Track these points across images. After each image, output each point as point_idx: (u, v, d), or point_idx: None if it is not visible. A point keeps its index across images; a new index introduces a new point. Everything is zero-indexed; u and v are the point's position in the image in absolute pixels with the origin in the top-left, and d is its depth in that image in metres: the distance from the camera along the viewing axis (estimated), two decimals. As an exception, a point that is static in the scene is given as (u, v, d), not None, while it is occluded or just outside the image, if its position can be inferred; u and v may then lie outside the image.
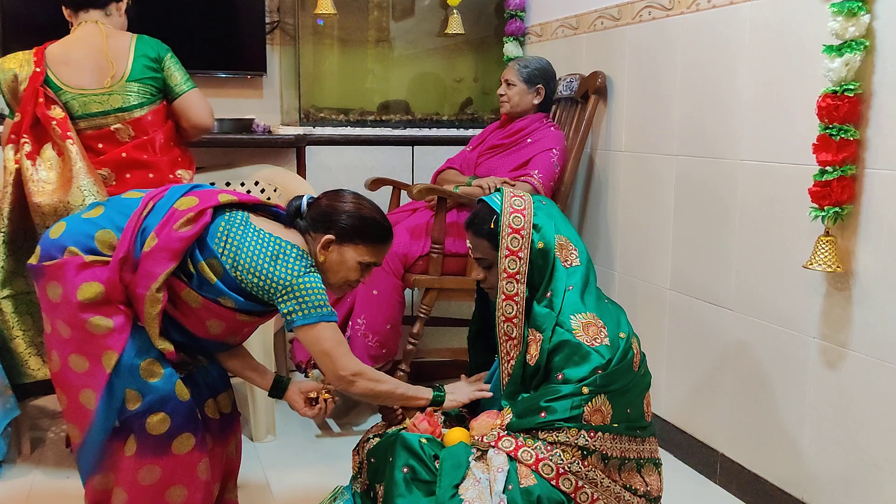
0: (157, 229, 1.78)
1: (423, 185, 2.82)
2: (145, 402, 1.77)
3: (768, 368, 2.26)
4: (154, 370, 1.79)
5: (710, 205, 2.48)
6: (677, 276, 2.65)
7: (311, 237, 1.87)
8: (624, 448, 1.80)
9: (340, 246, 1.87)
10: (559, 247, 1.88)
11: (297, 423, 2.95)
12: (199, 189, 1.90)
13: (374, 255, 1.91)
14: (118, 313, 1.77)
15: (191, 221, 1.78)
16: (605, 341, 1.78)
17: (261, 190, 3.18)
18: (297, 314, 1.78)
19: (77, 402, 1.80)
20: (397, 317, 2.88)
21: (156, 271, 1.75)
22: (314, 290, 1.79)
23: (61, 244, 1.80)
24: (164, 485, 1.81)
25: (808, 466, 2.13)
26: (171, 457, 1.80)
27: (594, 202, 3.14)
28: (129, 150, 2.42)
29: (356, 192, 1.95)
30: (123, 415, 1.78)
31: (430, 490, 1.74)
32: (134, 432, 1.79)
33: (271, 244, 1.80)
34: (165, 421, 1.79)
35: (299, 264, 1.79)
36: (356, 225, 1.87)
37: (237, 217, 1.84)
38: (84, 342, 1.76)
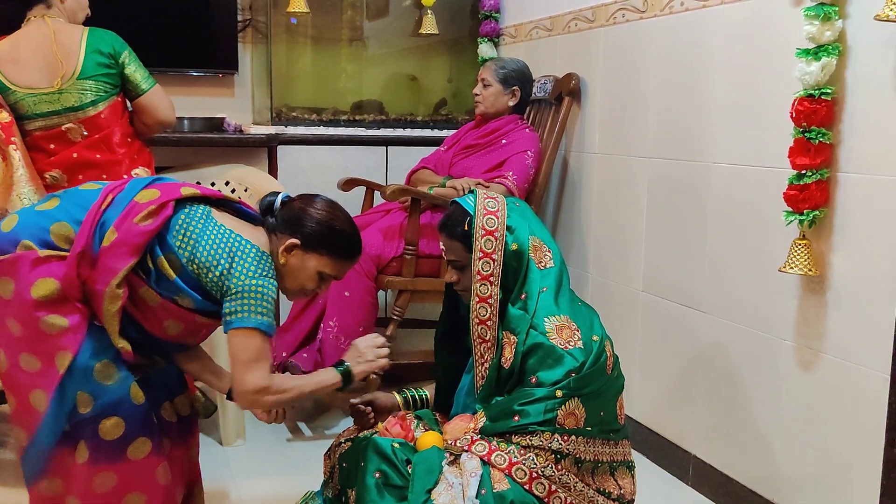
0: (117, 223, 1.71)
1: (397, 186, 2.80)
2: (97, 405, 1.71)
3: (741, 370, 2.27)
4: (109, 372, 1.72)
5: (683, 207, 2.49)
6: (651, 278, 2.65)
7: (277, 237, 1.81)
8: (597, 451, 1.79)
9: (304, 252, 1.79)
10: (533, 248, 1.86)
11: (268, 427, 2.90)
12: (160, 182, 1.84)
13: (337, 269, 1.84)
14: (74, 312, 1.70)
15: (152, 214, 1.72)
16: (578, 344, 1.77)
17: (231, 190, 3.13)
18: (237, 315, 1.70)
19: (26, 403, 1.72)
20: (370, 319, 2.86)
21: (116, 266, 1.69)
22: (263, 297, 1.71)
23: (14, 238, 1.72)
24: (121, 492, 1.75)
25: (779, 467, 2.14)
26: (126, 463, 1.74)
27: (568, 204, 3.14)
28: (80, 150, 2.36)
29: (333, 202, 1.88)
30: (74, 419, 1.71)
31: (403, 495, 1.72)
32: (85, 438, 1.72)
33: (230, 241, 1.74)
34: (119, 425, 1.73)
35: (256, 266, 1.72)
36: (325, 234, 1.80)
37: (198, 211, 1.78)
38: (36, 341, 1.69)
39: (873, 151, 1.89)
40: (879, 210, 1.87)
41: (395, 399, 2.11)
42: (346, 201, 3.34)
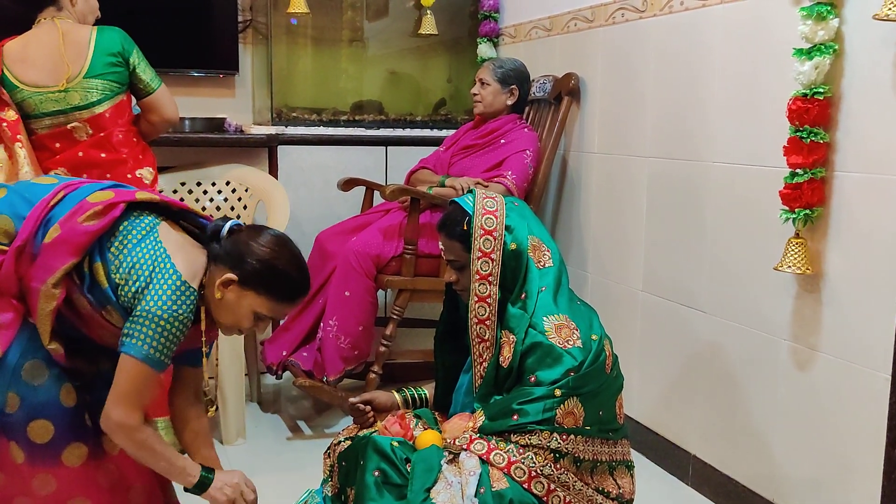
0: (62, 220, 1.64)
1: (397, 186, 2.80)
2: (24, 405, 1.65)
3: (740, 370, 2.27)
4: (37, 372, 1.66)
5: (682, 206, 2.49)
6: (650, 278, 2.66)
7: (216, 267, 1.69)
8: (596, 450, 1.80)
9: (241, 289, 1.67)
10: (532, 248, 1.87)
11: (268, 426, 2.92)
12: (118, 187, 1.76)
13: (274, 311, 1.72)
14: (8, 309, 1.66)
15: (98, 215, 1.65)
16: (577, 343, 1.78)
17: (232, 190, 3.14)
18: (132, 340, 1.60)
19: None
20: (370, 318, 2.86)
21: (54, 265, 1.62)
22: (164, 332, 1.60)
23: None
24: (63, 497, 1.69)
25: (779, 467, 2.15)
26: (62, 468, 1.68)
27: (567, 204, 3.14)
28: (85, 148, 2.38)
29: (282, 238, 1.74)
30: (3, 418, 1.66)
31: (402, 494, 1.72)
32: (17, 440, 1.66)
33: (156, 261, 1.63)
34: (47, 428, 1.66)
35: (169, 298, 1.61)
36: (264, 274, 1.67)
37: (143, 221, 1.69)
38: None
39: (870, 150, 1.89)
40: (877, 209, 1.88)
41: (394, 398, 2.12)
42: (346, 201, 3.39)
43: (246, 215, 3.15)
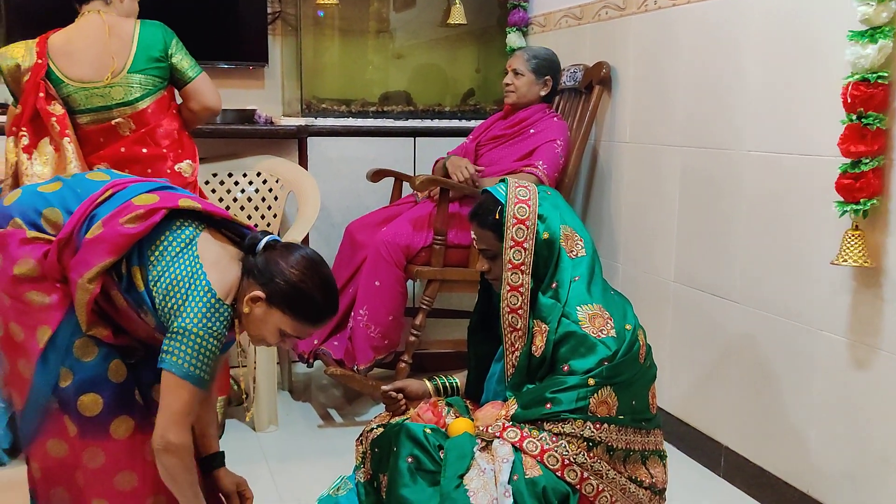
0: (106, 219, 1.71)
1: (426, 176, 2.80)
2: (76, 380, 1.72)
3: (774, 362, 2.25)
4: (88, 349, 1.73)
5: (715, 197, 2.47)
6: (682, 269, 2.64)
7: (248, 282, 1.73)
8: (629, 440, 1.79)
9: (268, 307, 1.71)
10: (564, 237, 1.86)
11: (299, 414, 2.95)
12: (165, 190, 1.82)
13: (298, 331, 1.75)
14: (55, 290, 1.73)
15: (139, 219, 1.70)
16: (611, 333, 1.77)
17: (263, 181, 3.17)
18: (171, 358, 1.65)
19: (16, 369, 1.77)
20: (399, 308, 2.87)
21: (92, 261, 1.69)
22: (201, 348, 1.65)
23: (8, 214, 1.76)
24: (111, 470, 1.76)
25: (814, 460, 2.13)
26: (111, 441, 1.75)
27: (598, 194, 3.13)
28: (127, 144, 2.41)
29: (313, 260, 1.77)
30: (57, 391, 1.74)
31: (435, 480, 1.74)
32: (69, 412, 1.75)
33: (193, 278, 1.67)
34: (97, 402, 1.73)
35: (204, 315, 1.66)
36: (291, 295, 1.71)
37: (185, 233, 1.74)
38: (22, 313, 1.73)
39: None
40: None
41: (425, 386, 2.13)
42: (374, 192, 3.40)
43: (277, 206, 3.17)
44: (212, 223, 1.82)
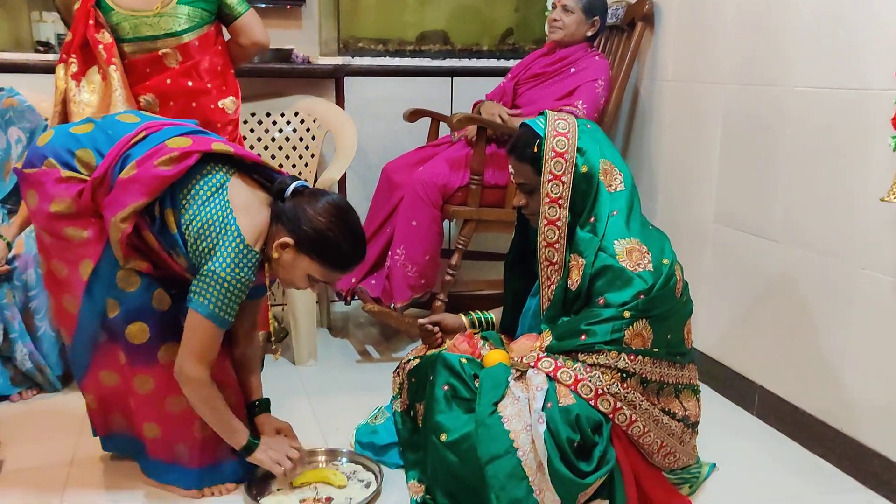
0: (140, 160, 1.75)
1: (463, 115, 2.79)
2: (122, 310, 1.79)
3: (812, 301, 2.23)
4: (131, 280, 1.79)
5: (758, 135, 2.43)
6: (721, 209, 2.61)
7: (276, 227, 1.78)
8: (663, 373, 1.81)
9: (296, 253, 1.76)
10: (604, 171, 1.86)
11: (338, 349, 3.01)
12: (197, 134, 1.85)
13: (326, 276, 1.80)
14: (91, 225, 1.78)
15: (173, 161, 1.74)
16: (648, 267, 1.78)
17: (300, 121, 3.18)
18: (199, 298, 1.72)
19: (61, 306, 1.85)
20: (436, 248, 2.89)
21: (125, 201, 1.73)
22: (227, 292, 1.71)
23: (42, 154, 1.81)
24: (161, 394, 1.84)
25: (849, 398, 2.12)
26: (159, 367, 1.82)
27: (638, 134, 3.09)
28: (173, 76, 2.43)
29: (340, 207, 1.79)
30: (106, 322, 1.81)
31: (470, 408, 1.78)
32: (119, 341, 1.82)
33: (223, 224, 1.72)
34: (144, 330, 1.80)
35: (233, 260, 1.71)
36: (318, 242, 1.75)
37: (215, 177, 1.78)
38: (63, 249, 1.80)
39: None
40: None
41: (461, 320, 2.16)
42: (411, 133, 3.40)
43: (314, 146, 3.19)
44: (243, 168, 1.85)
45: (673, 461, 1.87)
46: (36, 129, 2.60)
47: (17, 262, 2.43)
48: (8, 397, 2.48)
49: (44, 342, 2.49)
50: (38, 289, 2.44)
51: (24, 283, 2.43)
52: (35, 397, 2.50)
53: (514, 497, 1.65)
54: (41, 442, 2.20)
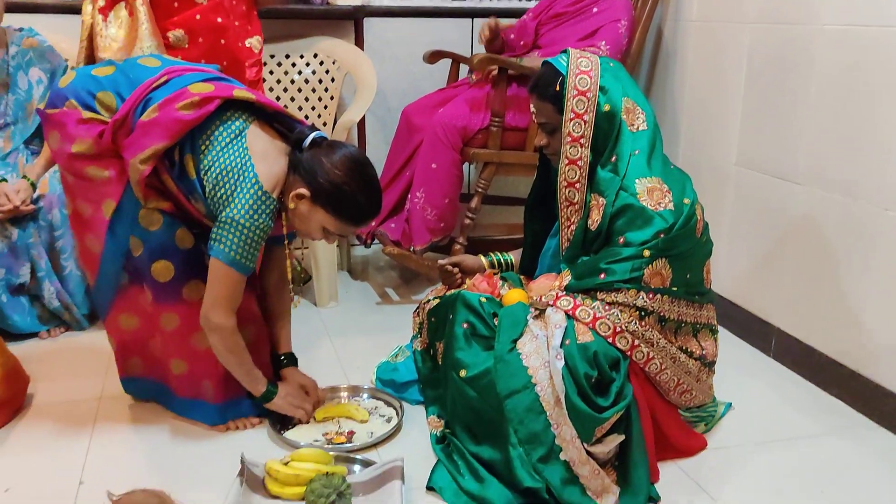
0: (161, 103, 1.76)
1: (484, 55, 2.76)
2: (146, 249, 1.82)
3: (834, 243, 2.23)
4: (153, 218, 1.81)
5: (782, 75, 2.39)
6: (744, 152, 2.59)
7: (293, 178, 1.78)
8: (681, 312, 1.82)
9: (312, 204, 1.77)
10: (626, 110, 1.84)
11: (358, 291, 3.04)
12: (220, 80, 1.85)
13: (340, 229, 1.81)
14: (112, 165, 1.80)
15: (194, 106, 1.74)
16: (668, 206, 1.77)
17: (320, 62, 3.17)
18: (219, 245, 1.74)
19: (85, 245, 1.89)
20: (456, 191, 2.89)
21: (145, 143, 1.75)
22: (246, 238, 1.73)
23: (64, 95, 1.82)
24: (187, 331, 1.88)
25: (866, 340, 2.13)
26: (184, 304, 1.86)
27: (661, 76, 3.05)
28: (203, 12, 2.40)
29: (357, 160, 1.79)
30: (131, 261, 1.84)
31: (489, 345, 1.80)
32: (145, 280, 1.85)
33: (242, 170, 1.73)
34: (168, 268, 1.83)
35: (251, 206, 1.72)
36: (333, 195, 1.76)
37: (235, 124, 1.78)
38: (86, 189, 1.83)
39: None
40: None
41: (481, 261, 2.18)
42: (431, 75, 3.37)
43: (333, 88, 3.18)
44: (263, 116, 1.86)
45: (689, 399, 1.90)
46: (56, 70, 2.61)
47: (43, 202, 2.47)
48: (37, 335, 2.54)
49: (70, 281, 2.54)
50: (63, 228, 2.48)
51: (49, 222, 2.47)
52: (62, 335, 2.57)
53: (532, 430, 1.68)
54: (70, 378, 2.26)
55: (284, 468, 1.68)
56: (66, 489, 1.72)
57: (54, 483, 1.74)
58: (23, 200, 2.40)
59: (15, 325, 2.48)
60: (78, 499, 1.68)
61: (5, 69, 2.53)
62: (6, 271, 2.44)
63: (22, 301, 2.51)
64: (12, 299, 2.48)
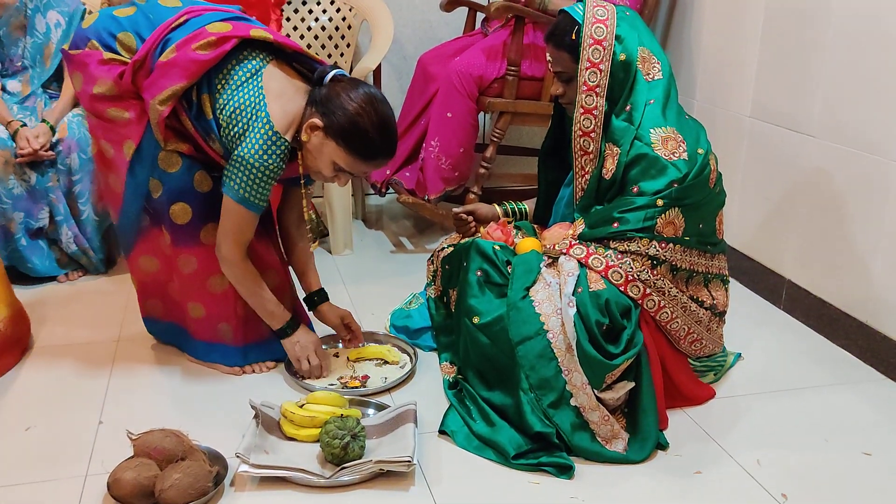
0: (179, 44, 1.76)
1: (502, 3, 2.74)
2: (165, 190, 1.84)
3: (846, 195, 2.22)
4: (172, 160, 1.84)
5: (799, 25, 2.36)
6: (759, 103, 2.57)
7: (310, 111, 1.77)
8: (693, 261, 1.83)
9: (325, 137, 1.75)
10: (641, 59, 1.83)
11: (372, 240, 3.07)
12: (238, 20, 1.85)
13: (351, 165, 1.78)
14: (132, 107, 1.82)
15: (211, 45, 1.75)
16: (683, 156, 1.78)
17: (336, 9, 3.14)
18: (230, 183, 1.76)
19: (108, 184, 1.93)
20: (471, 140, 2.89)
21: (164, 84, 1.76)
22: (256, 177, 1.74)
23: (86, 36, 1.84)
24: (203, 274, 1.91)
25: (877, 292, 2.14)
26: (201, 247, 1.89)
27: (678, 26, 3.02)
28: None
29: (375, 97, 1.76)
30: (150, 203, 1.87)
31: (502, 292, 1.83)
32: (163, 222, 1.88)
33: (255, 109, 1.73)
34: (186, 211, 1.85)
35: (261, 145, 1.73)
36: (346, 128, 1.73)
37: (251, 63, 1.78)
38: (108, 130, 1.85)
39: None
40: None
41: (495, 210, 2.19)
42: (447, 24, 3.34)
43: (350, 35, 3.16)
44: (282, 56, 1.85)
45: (699, 348, 1.92)
46: (74, 13, 2.61)
47: (61, 146, 2.49)
48: (55, 278, 2.59)
49: (87, 226, 2.57)
50: (81, 173, 2.51)
51: (67, 167, 2.50)
52: (80, 279, 2.61)
53: (543, 376, 1.71)
54: (88, 320, 2.31)
55: (300, 410, 1.72)
56: (86, 429, 1.77)
57: (74, 423, 1.79)
58: (42, 145, 2.42)
59: (34, 268, 2.53)
60: (97, 438, 1.74)
61: (23, 11, 2.53)
62: (25, 215, 2.48)
63: (41, 244, 2.55)
64: (31, 243, 2.52)
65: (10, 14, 2.51)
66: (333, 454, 1.60)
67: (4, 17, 2.51)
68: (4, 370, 2.00)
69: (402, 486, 1.60)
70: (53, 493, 1.56)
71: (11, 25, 2.53)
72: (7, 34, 2.54)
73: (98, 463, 1.64)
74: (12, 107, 2.54)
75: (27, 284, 2.52)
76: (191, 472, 1.50)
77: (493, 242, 1.93)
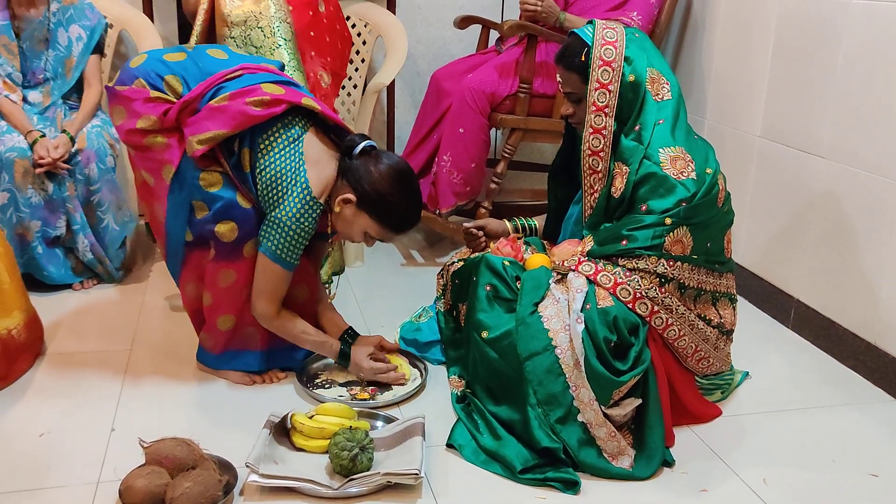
0: (233, 94, 1.84)
1: (514, 22, 2.77)
2: (212, 210, 1.88)
3: (855, 216, 2.24)
4: (213, 179, 1.88)
5: (810, 48, 2.38)
6: (769, 124, 2.59)
7: (342, 183, 1.88)
8: (701, 280, 1.85)
9: (357, 209, 1.87)
10: (650, 80, 1.86)
11: (383, 253, 3.09)
12: (292, 86, 1.93)
13: (382, 235, 1.92)
14: (173, 135, 1.88)
15: (263, 104, 1.83)
16: (691, 175, 1.80)
17: (352, 25, 3.18)
18: (267, 242, 1.86)
19: (154, 215, 1.97)
20: (482, 156, 2.92)
21: (207, 126, 1.83)
22: (292, 239, 1.85)
23: (134, 74, 1.91)
24: (241, 286, 1.96)
25: (884, 312, 2.15)
26: (242, 260, 1.93)
27: (689, 46, 3.04)
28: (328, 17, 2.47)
29: (402, 171, 1.89)
30: (195, 224, 1.91)
31: (511, 308, 1.85)
32: (212, 240, 1.91)
33: (294, 175, 1.83)
34: (233, 229, 1.89)
35: (299, 210, 1.83)
36: (377, 202, 1.86)
37: (294, 130, 1.87)
38: (146, 158, 1.90)
39: None
40: None
41: (505, 225, 2.21)
42: (461, 41, 3.38)
43: (365, 51, 3.20)
44: (319, 122, 1.94)
45: (706, 366, 1.93)
46: (96, 27, 2.66)
47: (80, 156, 2.53)
48: (70, 286, 2.62)
49: (105, 235, 2.61)
50: (99, 183, 2.55)
51: (86, 177, 2.54)
52: (95, 287, 2.65)
53: (551, 392, 1.73)
54: (102, 328, 2.34)
55: (309, 422, 1.74)
56: (99, 436, 1.79)
57: (87, 430, 1.82)
58: (61, 155, 2.46)
59: (50, 275, 2.56)
60: (110, 445, 1.76)
61: (46, 25, 2.58)
62: (42, 224, 2.52)
63: (57, 253, 2.59)
64: (48, 251, 2.56)
65: (34, 28, 2.56)
66: (342, 465, 1.62)
67: (28, 30, 2.56)
68: (18, 375, 2.03)
69: (409, 498, 1.62)
70: (66, 499, 1.58)
71: (35, 39, 2.58)
72: (30, 48, 2.59)
73: (110, 470, 1.67)
74: (32, 117, 2.58)
75: (42, 292, 2.55)
76: (201, 480, 1.52)
77: (502, 258, 1.95)
